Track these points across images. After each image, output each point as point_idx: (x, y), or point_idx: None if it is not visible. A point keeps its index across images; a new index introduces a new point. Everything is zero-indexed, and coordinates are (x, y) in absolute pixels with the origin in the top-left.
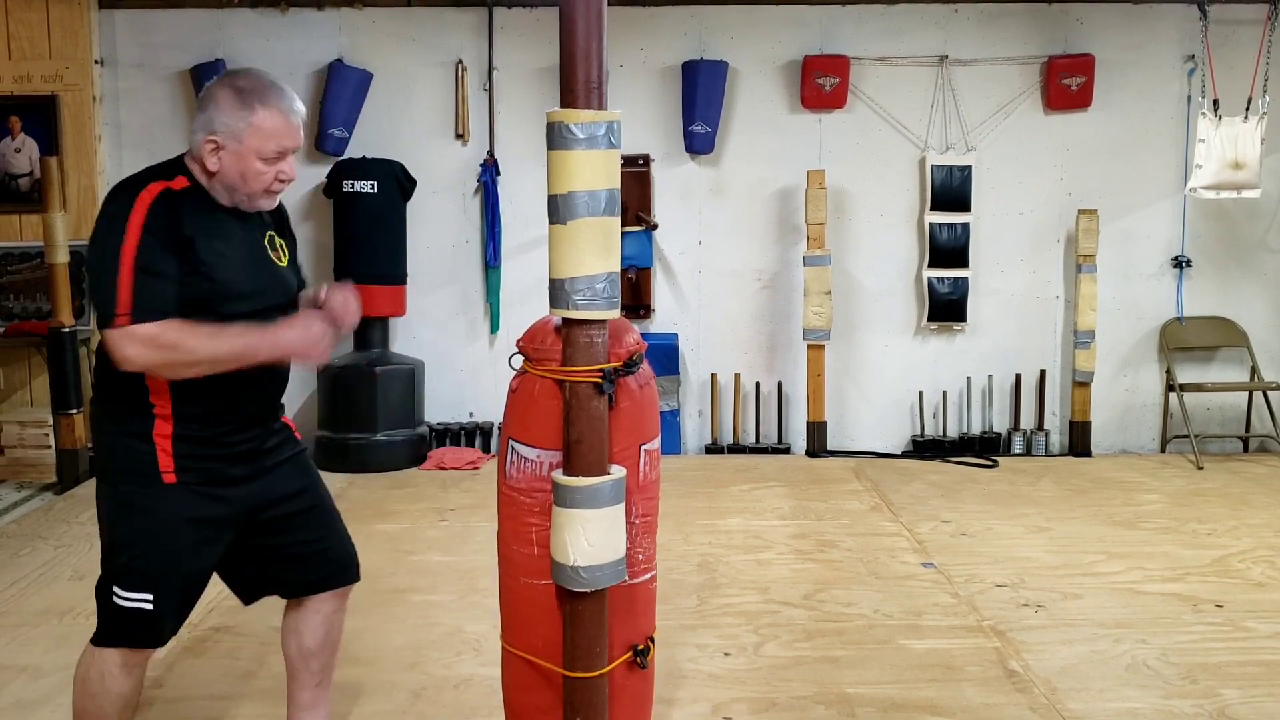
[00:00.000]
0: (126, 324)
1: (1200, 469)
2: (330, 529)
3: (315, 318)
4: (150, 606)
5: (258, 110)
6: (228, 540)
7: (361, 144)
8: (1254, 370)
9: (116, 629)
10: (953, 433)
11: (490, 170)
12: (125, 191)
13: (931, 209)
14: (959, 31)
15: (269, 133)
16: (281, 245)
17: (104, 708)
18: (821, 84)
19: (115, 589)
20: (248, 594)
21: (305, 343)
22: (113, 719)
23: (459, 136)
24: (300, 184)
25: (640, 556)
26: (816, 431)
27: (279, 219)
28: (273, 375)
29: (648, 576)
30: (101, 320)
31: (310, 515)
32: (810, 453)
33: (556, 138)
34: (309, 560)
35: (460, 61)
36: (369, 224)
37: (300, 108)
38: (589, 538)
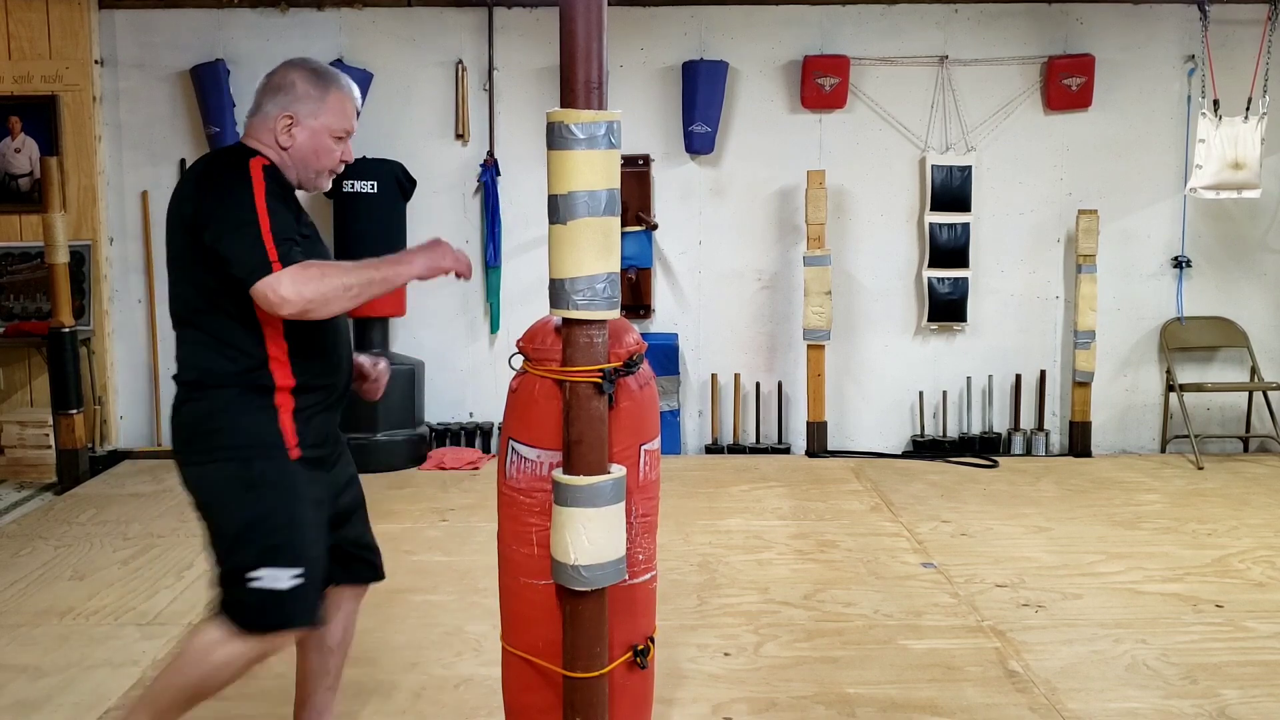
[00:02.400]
0: (280, 269)
1: (1200, 469)
2: (367, 520)
3: (438, 241)
4: (302, 580)
5: (333, 90)
6: (326, 524)
7: (361, 144)
8: (1254, 370)
9: (276, 612)
10: (953, 433)
11: (490, 170)
12: (230, 164)
13: (931, 209)
14: (959, 31)
15: (341, 112)
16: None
17: (214, 688)
18: (821, 84)
19: (262, 570)
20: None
21: (439, 261)
22: (206, 697)
23: (459, 136)
24: None
25: (640, 556)
26: (816, 431)
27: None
28: (352, 361)
29: (648, 576)
30: (253, 274)
31: (361, 503)
32: (810, 453)
33: (556, 138)
34: (357, 549)
35: (460, 61)
36: (369, 224)
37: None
38: (589, 537)
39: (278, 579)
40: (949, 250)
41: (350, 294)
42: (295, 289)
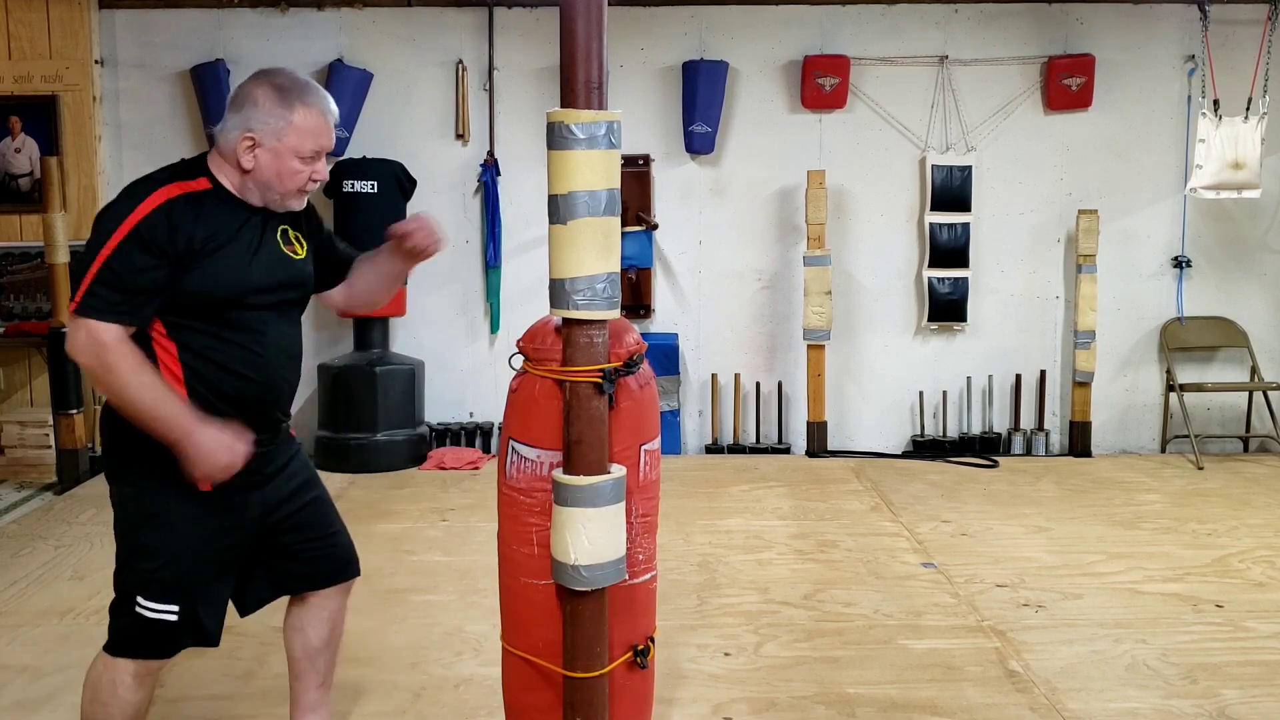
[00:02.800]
0: (73, 309)
1: (1200, 469)
2: (332, 523)
3: (241, 442)
4: (175, 618)
5: (298, 109)
6: (246, 545)
7: (361, 144)
8: (1254, 370)
9: (135, 639)
10: (953, 433)
11: (490, 170)
12: (137, 190)
13: (932, 209)
14: (959, 31)
15: (308, 132)
16: (297, 237)
17: (114, 716)
18: (822, 84)
19: (139, 599)
20: (249, 602)
21: (214, 456)
22: None
23: (459, 136)
24: None
25: (640, 556)
26: (816, 431)
27: (297, 212)
28: (288, 377)
29: (648, 576)
30: (70, 302)
31: (314, 509)
32: (810, 453)
33: (556, 138)
34: (316, 555)
35: (460, 61)
36: (369, 224)
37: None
38: (589, 536)
39: (148, 610)
40: (949, 250)
41: (113, 394)
42: (80, 344)
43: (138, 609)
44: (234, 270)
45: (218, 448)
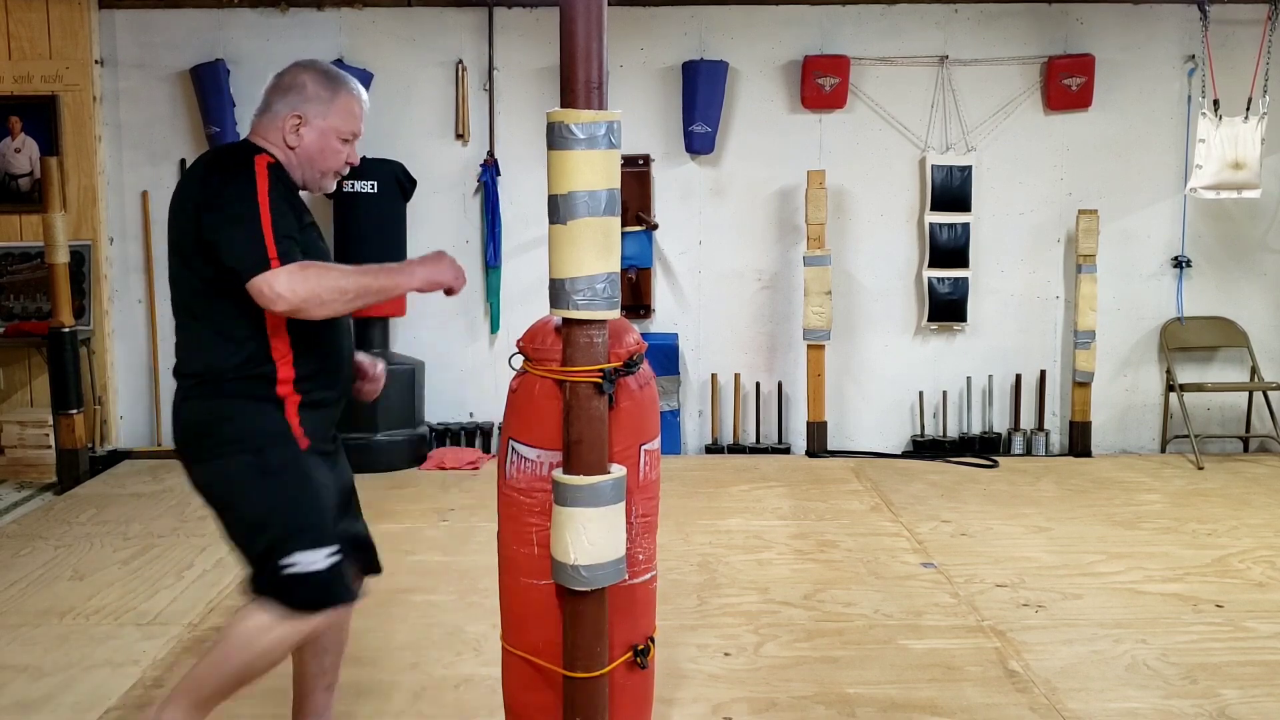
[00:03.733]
0: (278, 265)
1: (1200, 469)
2: (362, 517)
3: (442, 254)
4: (339, 558)
5: (342, 92)
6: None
7: (361, 144)
8: (1254, 370)
9: (320, 591)
10: (953, 433)
11: (490, 170)
12: (235, 159)
13: (931, 209)
14: (959, 31)
15: (350, 114)
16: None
17: (261, 672)
18: (821, 84)
19: (295, 556)
20: None
21: (438, 275)
22: (251, 681)
23: (459, 136)
24: None
25: (640, 556)
26: (816, 431)
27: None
28: (353, 358)
29: (648, 576)
30: (251, 269)
31: (355, 497)
32: (810, 453)
33: (556, 138)
34: (357, 541)
35: (460, 61)
36: (369, 224)
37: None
38: (589, 536)
39: (314, 561)
40: (949, 250)
41: (346, 298)
42: (291, 286)
43: (300, 568)
44: (314, 240)
45: (440, 264)
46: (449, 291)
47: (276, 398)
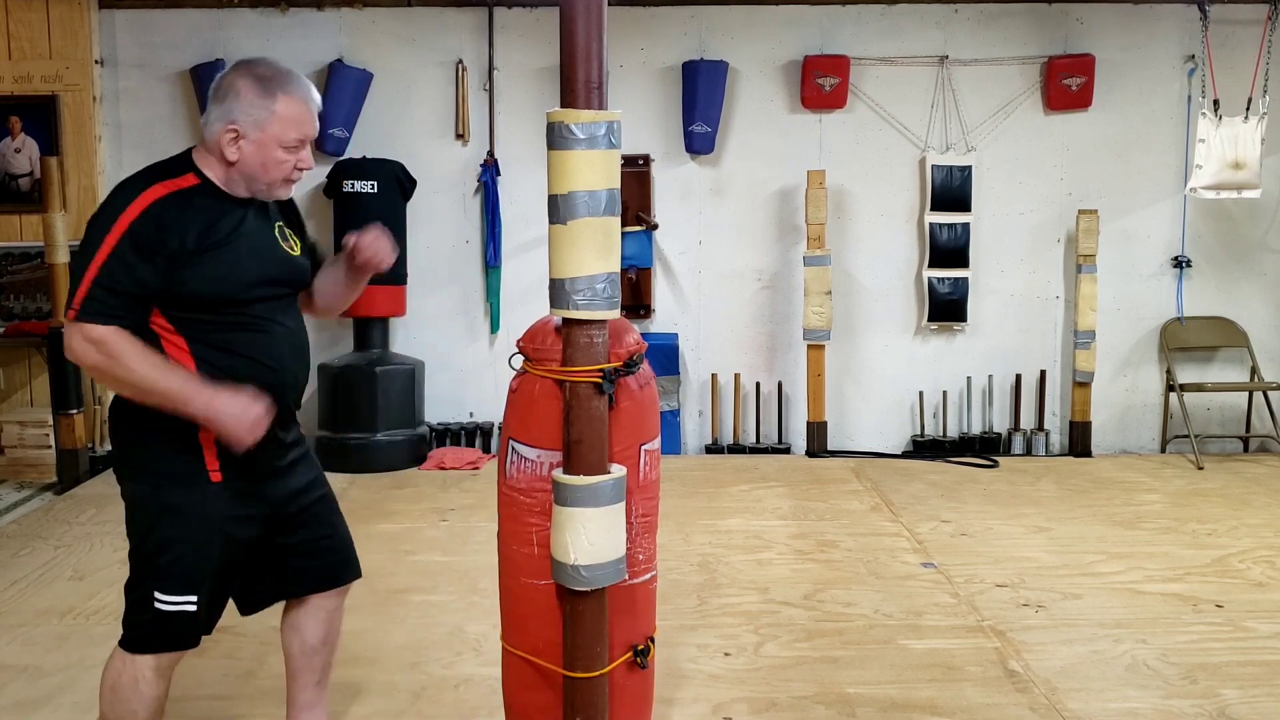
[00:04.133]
0: (73, 318)
1: (1200, 469)
2: (337, 523)
3: (259, 403)
4: (194, 608)
5: (280, 98)
6: (256, 539)
7: (361, 144)
8: (1254, 370)
9: (156, 633)
10: (953, 433)
11: (490, 170)
12: (124, 191)
13: (931, 209)
14: (959, 31)
15: (291, 120)
16: (291, 235)
17: (137, 712)
18: (821, 84)
19: (156, 594)
20: (252, 602)
21: (238, 419)
22: None
23: (459, 136)
24: (300, 184)
25: (640, 556)
26: (816, 431)
27: (287, 210)
28: (298, 370)
29: (648, 576)
30: (66, 309)
31: (321, 507)
32: (810, 453)
33: (556, 138)
34: (321, 555)
35: (460, 61)
36: (369, 224)
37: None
38: (589, 536)
39: (166, 603)
40: (949, 250)
41: (128, 389)
42: (82, 350)
43: (156, 604)
44: (231, 266)
45: (240, 409)
46: (231, 447)
47: (188, 427)
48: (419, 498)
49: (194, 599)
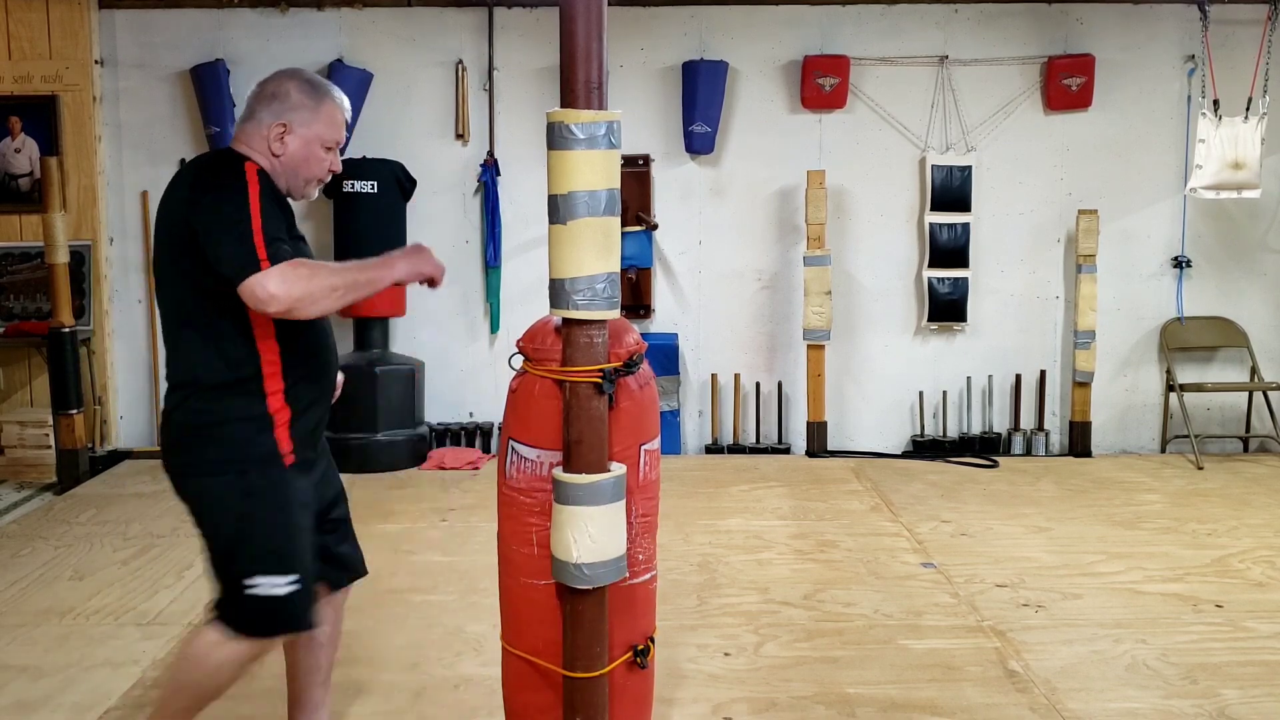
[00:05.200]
0: (268, 267)
1: (1200, 469)
2: (349, 516)
3: (420, 246)
4: (299, 585)
5: (326, 101)
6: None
7: (361, 144)
8: (1254, 370)
9: (267, 618)
10: (953, 433)
11: (490, 170)
12: (226, 164)
13: (931, 209)
14: (959, 31)
15: (334, 123)
16: None
17: (217, 689)
18: (821, 84)
19: (259, 579)
20: None
21: (419, 267)
22: (216, 696)
23: (459, 136)
24: None
25: (640, 556)
26: (816, 431)
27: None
28: (337, 367)
29: (648, 576)
30: (241, 271)
31: (344, 506)
32: (810, 453)
33: (556, 138)
34: (343, 553)
35: (460, 61)
36: (369, 224)
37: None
38: (591, 535)
39: (275, 586)
40: (949, 250)
41: (336, 294)
42: (283, 286)
43: (261, 590)
44: (301, 246)
45: (421, 256)
46: (431, 283)
47: (266, 413)
48: (419, 498)
49: (296, 576)
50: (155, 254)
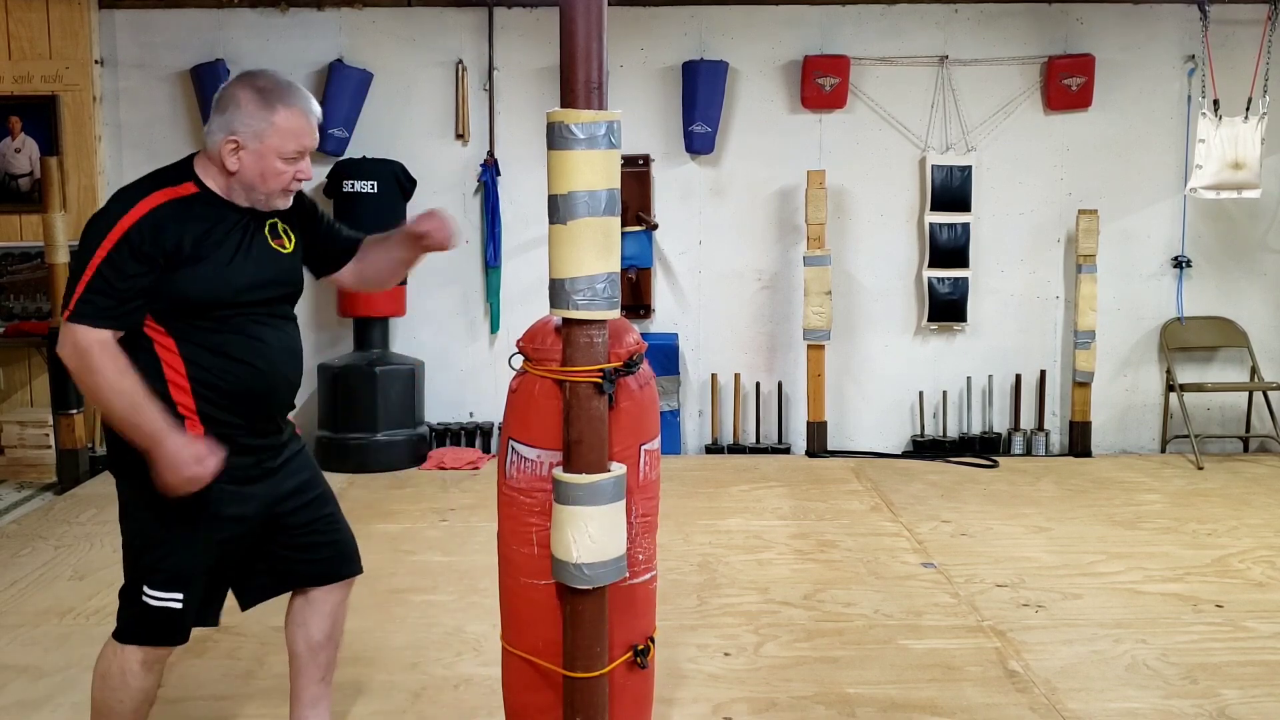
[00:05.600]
0: (67, 319)
1: (1200, 469)
2: (337, 519)
3: (209, 460)
4: (180, 605)
5: (279, 110)
6: (249, 539)
7: (361, 144)
8: (1254, 370)
9: (142, 627)
10: (953, 433)
11: (490, 170)
12: (124, 198)
13: (931, 209)
14: (959, 31)
15: (290, 132)
16: (285, 230)
17: (124, 702)
18: (821, 84)
19: (145, 589)
20: (251, 597)
21: (184, 465)
22: (130, 714)
23: (459, 136)
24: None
25: (640, 556)
26: (816, 431)
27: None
28: (289, 373)
29: (648, 576)
30: (64, 308)
31: (318, 505)
32: (810, 453)
33: (556, 138)
34: (321, 549)
35: (460, 61)
36: (369, 224)
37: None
38: (591, 534)
39: (153, 599)
40: (949, 250)
41: (95, 397)
42: (68, 351)
43: (144, 597)
44: (221, 273)
45: (187, 458)
46: (165, 487)
47: (180, 429)
48: (419, 498)
49: (180, 595)
50: None
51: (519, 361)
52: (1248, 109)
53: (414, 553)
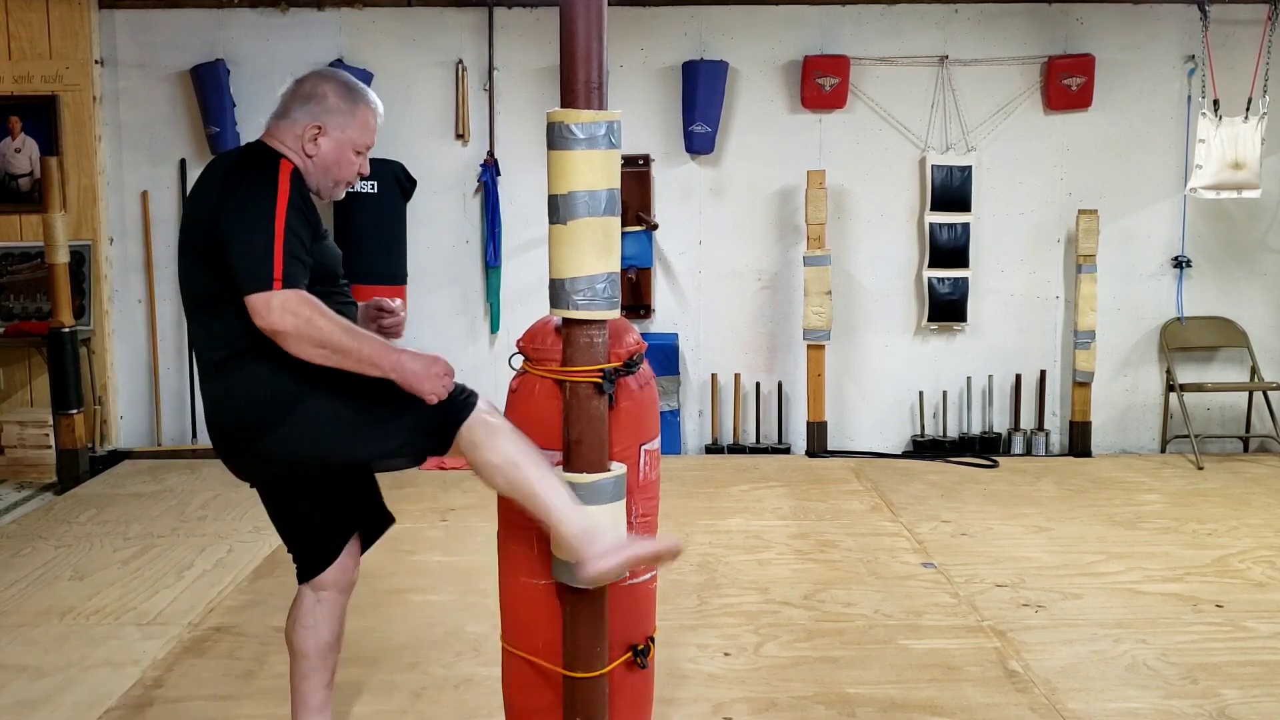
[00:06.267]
0: (279, 288)
1: (1200, 469)
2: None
3: (442, 360)
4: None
5: (361, 105)
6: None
7: None
8: (1254, 370)
9: (459, 400)
10: (953, 433)
11: (490, 170)
12: (261, 161)
13: (931, 209)
14: (959, 31)
15: (368, 127)
16: None
17: (524, 448)
18: (821, 84)
19: (426, 405)
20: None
21: (422, 375)
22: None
23: (459, 136)
24: None
25: None
26: (816, 431)
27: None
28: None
29: (648, 576)
30: (251, 281)
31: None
32: (810, 453)
33: (556, 138)
34: (370, 497)
35: (460, 61)
36: (369, 224)
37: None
38: None
39: (445, 394)
40: (949, 250)
41: (323, 350)
42: (283, 315)
43: (439, 401)
44: (330, 248)
45: (428, 361)
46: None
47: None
48: (419, 498)
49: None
50: (181, 245)
51: (519, 361)
52: (1248, 109)
53: (414, 553)
